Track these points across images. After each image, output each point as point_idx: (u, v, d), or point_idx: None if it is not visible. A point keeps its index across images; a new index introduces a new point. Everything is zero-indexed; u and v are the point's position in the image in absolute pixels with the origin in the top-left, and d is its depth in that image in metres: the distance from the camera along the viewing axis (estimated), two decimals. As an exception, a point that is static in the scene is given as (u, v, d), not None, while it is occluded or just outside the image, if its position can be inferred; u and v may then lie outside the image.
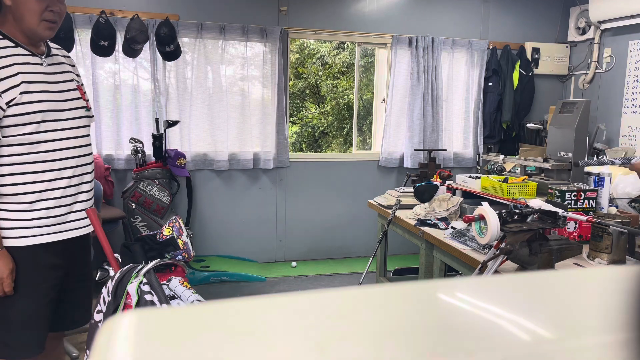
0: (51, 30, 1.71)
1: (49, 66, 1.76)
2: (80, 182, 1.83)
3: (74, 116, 1.80)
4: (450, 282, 0.62)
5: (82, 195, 1.84)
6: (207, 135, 4.36)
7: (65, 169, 1.77)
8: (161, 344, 0.43)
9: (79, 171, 1.82)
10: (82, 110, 1.85)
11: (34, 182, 1.71)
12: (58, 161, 1.75)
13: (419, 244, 2.74)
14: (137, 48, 3.99)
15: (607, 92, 4.72)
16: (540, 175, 2.87)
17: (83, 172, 1.84)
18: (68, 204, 1.79)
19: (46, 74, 1.74)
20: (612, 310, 0.49)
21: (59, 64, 1.82)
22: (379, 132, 4.93)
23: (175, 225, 1.78)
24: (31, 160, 1.69)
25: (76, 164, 1.80)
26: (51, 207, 1.75)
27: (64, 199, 1.78)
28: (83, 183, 1.85)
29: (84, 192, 1.86)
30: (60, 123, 1.75)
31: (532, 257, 1.82)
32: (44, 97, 1.70)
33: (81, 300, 1.97)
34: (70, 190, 1.79)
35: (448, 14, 4.83)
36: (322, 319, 0.48)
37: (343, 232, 4.83)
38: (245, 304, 0.50)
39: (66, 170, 1.77)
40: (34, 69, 1.71)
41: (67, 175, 1.77)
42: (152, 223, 3.78)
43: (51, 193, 1.74)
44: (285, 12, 4.45)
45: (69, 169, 1.78)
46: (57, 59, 1.83)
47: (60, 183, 1.76)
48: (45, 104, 1.70)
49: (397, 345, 0.43)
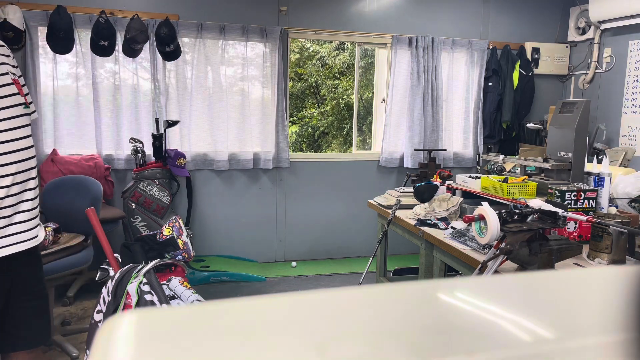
0: None
1: None
2: (23, 189, 1.60)
3: (10, 115, 1.55)
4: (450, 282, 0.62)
5: (24, 205, 1.61)
6: (207, 135, 4.36)
7: (2, 177, 1.53)
8: (161, 344, 0.43)
9: (20, 178, 1.58)
10: (20, 107, 1.60)
11: None
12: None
13: (419, 244, 2.74)
14: (137, 48, 3.99)
15: (607, 92, 4.72)
16: (540, 175, 2.87)
17: (25, 178, 1.60)
18: (7, 215, 1.56)
19: None
20: (612, 310, 0.49)
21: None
22: (379, 132, 4.93)
23: (175, 225, 1.77)
24: None
25: (16, 170, 1.56)
26: None
27: (3, 210, 1.54)
28: (26, 190, 1.61)
29: (27, 200, 1.62)
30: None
31: (532, 257, 1.82)
32: None
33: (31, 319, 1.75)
34: (10, 201, 1.55)
35: (448, 14, 4.83)
36: (322, 319, 0.48)
37: (343, 232, 4.83)
38: (245, 304, 0.50)
39: (4, 179, 1.54)
40: None
41: (5, 184, 1.54)
42: (152, 223, 3.78)
43: None
44: (285, 12, 4.45)
45: (7, 176, 1.54)
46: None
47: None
48: None
49: (397, 345, 0.43)
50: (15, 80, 1.62)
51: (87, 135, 4.08)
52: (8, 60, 1.63)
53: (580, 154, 2.73)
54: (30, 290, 1.75)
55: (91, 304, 3.56)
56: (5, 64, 1.60)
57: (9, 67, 1.61)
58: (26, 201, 1.62)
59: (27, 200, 1.62)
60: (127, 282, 1.54)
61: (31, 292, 1.75)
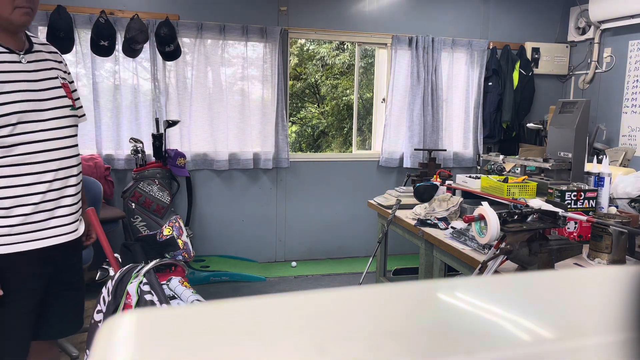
0: (28, 16, 1.59)
1: (28, 63, 1.65)
2: (64, 185, 1.72)
3: (57, 116, 1.69)
4: (450, 282, 0.62)
5: (66, 200, 1.73)
6: (207, 135, 4.36)
7: (45, 172, 1.66)
8: (161, 344, 0.43)
9: (62, 174, 1.70)
10: (67, 109, 1.73)
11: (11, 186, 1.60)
12: (37, 164, 1.64)
13: (419, 244, 2.74)
14: (137, 48, 3.99)
15: (607, 92, 4.72)
16: (540, 175, 2.87)
17: (67, 175, 1.72)
18: (49, 209, 1.68)
19: (25, 72, 1.63)
20: (612, 310, 0.49)
21: (41, 60, 1.71)
22: (379, 132, 4.93)
23: (175, 225, 1.78)
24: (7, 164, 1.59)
25: (58, 166, 1.69)
26: (29, 213, 1.64)
27: (44, 204, 1.66)
28: (67, 187, 1.73)
29: (69, 196, 1.74)
30: (40, 124, 1.64)
31: (532, 257, 1.82)
32: (20, 97, 1.59)
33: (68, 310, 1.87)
34: (51, 195, 1.68)
35: (448, 14, 4.83)
36: (322, 319, 0.48)
37: (343, 232, 4.83)
38: (245, 304, 0.50)
39: (47, 174, 1.66)
40: (10, 68, 1.60)
41: (47, 179, 1.66)
42: (152, 223, 3.78)
43: (29, 198, 1.63)
44: (285, 12, 4.45)
45: (49, 172, 1.66)
46: (41, 55, 1.72)
47: (40, 187, 1.65)
48: (23, 104, 1.59)
49: (397, 345, 0.43)
50: (65, 84, 1.77)
51: (87, 135, 4.08)
52: (60, 66, 1.79)
53: (580, 154, 2.73)
54: (69, 280, 1.86)
55: (91, 304, 3.55)
56: (56, 69, 1.76)
57: (60, 72, 1.77)
58: (68, 197, 1.74)
59: (68, 196, 1.74)
60: (127, 282, 1.54)
61: (69, 283, 1.86)
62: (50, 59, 1.75)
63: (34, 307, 1.72)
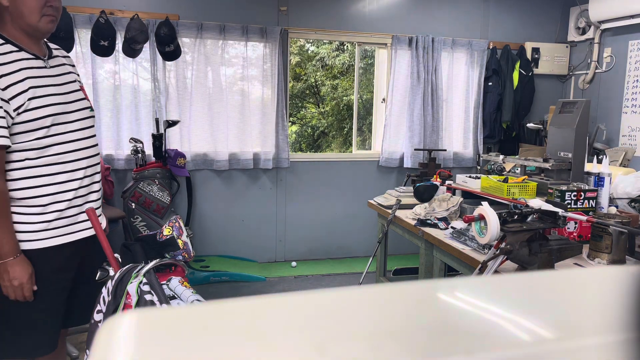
0: (53, 24, 1.70)
1: (52, 68, 1.75)
2: (91, 182, 1.85)
3: (81, 117, 1.80)
4: (450, 282, 0.62)
5: (92, 195, 1.86)
6: (207, 135, 4.36)
7: (76, 170, 1.78)
8: (161, 344, 0.43)
9: (90, 171, 1.83)
10: (88, 110, 1.85)
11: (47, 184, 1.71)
12: (69, 163, 1.75)
13: (419, 244, 2.74)
14: (137, 48, 3.99)
15: (607, 92, 4.72)
16: (540, 175, 2.87)
17: (93, 172, 1.86)
18: (79, 204, 1.80)
19: (51, 77, 1.74)
20: (612, 310, 0.49)
21: (61, 65, 1.81)
22: (379, 132, 4.93)
23: (175, 225, 1.78)
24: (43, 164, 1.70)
25: (87, 164, 1.81)
26: (64, 208, 1.75)
27: (76, 199, 1.78)
28: (94, 183, 1.86)
29: (95, 191, 1.87)
30: (69, 125, 1.75)
31: (532, 257, 1.82)
32: (52, 101, 1.69)
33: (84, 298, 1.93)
34: (82, 191, 1.80)
35: (448, 14, 4.83)
36: (322, 319, 0.48)
37: (343, 232, 4.83)
38: (245, 304, 0.50)
39: (77, 172, 1.78)
40: (40, 73, 1.70)
41: (78, 176, 1.78)
42: (152, 223, 3.78)
43: (63, 195, 1.75)
44: (285, 12, 4.45)
45: (80, 170, 1.79)
46: (59, 60, 1.82)
47: (72, 185, 1.76)
48: (54, 107, 1.70)
49: (397, 345, 0.43)
50: (82, 87, 1.88)
51: (87, 135, 4.08)
52: (74, 69, 1.90)
53: (580, 154, 2.73)
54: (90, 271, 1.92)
55: (91, 304, 3.55)
56: (72, 72, 1.86)
57: (75, 75, 1.88)
58: (94, 192, 1.87)
59: (94, 192, 1.87)
60: (127, 282, 1.54)
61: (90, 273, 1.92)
62: (67, 63, 1.86)
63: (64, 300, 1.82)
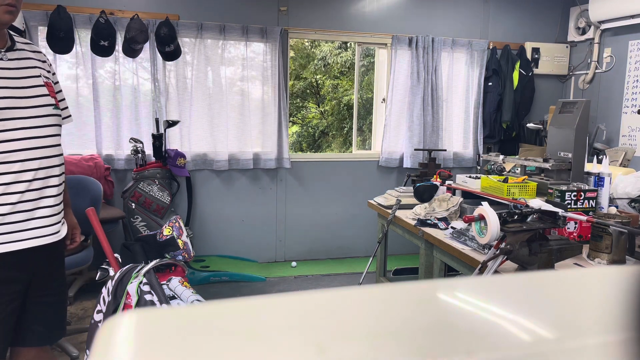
0: (11, 15, 1.57)
1: (9, 61, 1.62)
2: (44, 185, 1.66)
3: (38, 114, 1.64)
4: (450, 282, 0.62)
5: (46, 201, 1.67)
6: (207, 135, 4.36)
7: (24, 172, 1.60)
8: (161, 344, 0.43)
9: (42, 174, 1.65)
10: (49, 108, 1.69)
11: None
12: (16, 163, 1.58)
13: (419, 244, 2.74)
14: (137, 48, 3.99)
15: (607, 92, 4.72)
16: (540, 175, 2.87)
17: (48, 175, 1.67)
18: (28, 209, 1.62)
19: (4, 70, 1.60)
20: (612, 310, 0.49)
21: (24, 58, 1.68)
22: (379, 132, 4.93)
23: (175, 225, 1.78)
24: None
25: (38, 166, 1.64)
26: (7, 213, 1.58)
27: (23, 204, 1.61)
28: (48, 187, 1.67)
29: (50, 196, 1.68)
30: (19, 122, 1.60)
31: (532, 257, 1.82)
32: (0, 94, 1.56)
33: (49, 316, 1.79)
34: (31, 195, 1.62)
35: (448, 14, 4.83)
36: (322, 319, 0.48)
37: (343, 232, 4.83)
38: (245, 304, 0.50)
39: (26, 173, 1.60)
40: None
41: (26, 178, 1.61)
42: (152, 223, 3.78)
43: (7, 198, 1.57)
44: (285, 12, 4.45)
45: (29, 171, 1.61)
46: (23, 53, 1.68)
47: (18, 187, 1.59)
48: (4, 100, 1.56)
49: (397, 345, 0.43)
50: (48, 83, 1.73)
51: (87, 135, 4.09)
52: (44, 65, 1.76)
53: (580, 154, 2.73)
54: (50, 285, 1.78)
55: (91, 304, 3.56)
56: (38, 67, 1.72)
57: (43, 71, 1.74)
58: (49, 197, 1.68)
59: (49, 197, 1.68)
60: (127, 282, 1.54)
61: (50, 288, 1.78)
62: (34, 58, 1.72)
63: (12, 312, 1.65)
